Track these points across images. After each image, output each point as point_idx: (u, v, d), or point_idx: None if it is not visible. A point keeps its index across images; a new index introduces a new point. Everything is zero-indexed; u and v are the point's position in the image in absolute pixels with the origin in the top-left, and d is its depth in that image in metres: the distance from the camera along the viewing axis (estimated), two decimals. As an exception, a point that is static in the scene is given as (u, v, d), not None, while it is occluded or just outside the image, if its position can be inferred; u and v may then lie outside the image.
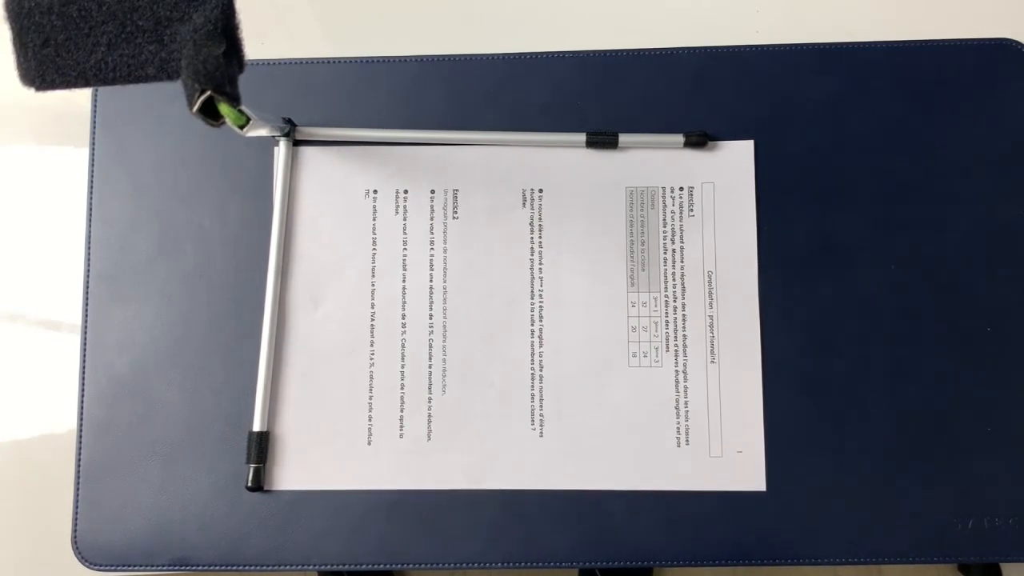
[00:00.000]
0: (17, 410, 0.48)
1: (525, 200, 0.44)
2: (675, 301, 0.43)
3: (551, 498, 0.42)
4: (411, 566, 0.42)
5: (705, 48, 0.45)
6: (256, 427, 0.42)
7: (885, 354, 0.42)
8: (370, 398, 0.43)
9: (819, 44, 0.44)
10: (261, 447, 0.42)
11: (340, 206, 0.44)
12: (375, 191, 0.44)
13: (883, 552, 0.41)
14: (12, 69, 0.32)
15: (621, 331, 0.43)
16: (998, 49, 0.44)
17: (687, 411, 0.42)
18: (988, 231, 0.43)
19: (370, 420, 0.43)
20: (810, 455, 0.41)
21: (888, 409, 0.42)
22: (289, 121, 0.44)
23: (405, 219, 0.44)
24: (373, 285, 0.44)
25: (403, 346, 0.43)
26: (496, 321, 0.43)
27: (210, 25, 0.30)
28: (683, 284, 0.43)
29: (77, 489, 0.43)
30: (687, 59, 0.45)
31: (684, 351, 0.42)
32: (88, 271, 0.44)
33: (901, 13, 0.49)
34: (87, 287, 0.44)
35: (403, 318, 0.43)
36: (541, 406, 0.42)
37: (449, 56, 0.45)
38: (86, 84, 0.32)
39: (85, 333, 0.44)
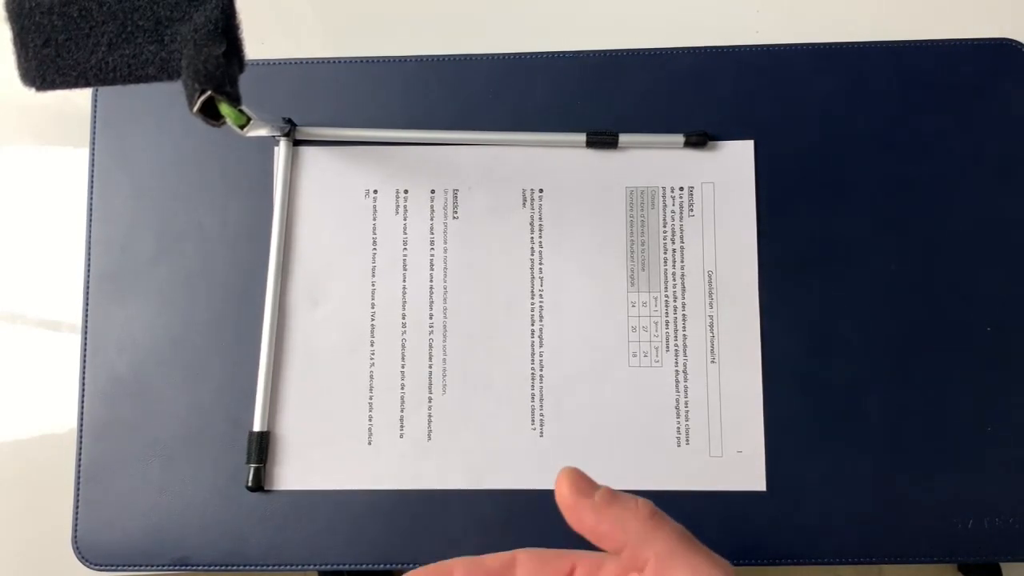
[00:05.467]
0: (17, 410, 0.48)
1: (525, 200, 0.44)
2: (675, 301, 0.43)
3: (551, 498, 0.41)
4: (411, 566, 0.42)
5: (705, 48, 0.45)
6: (256, 427, 0.42)
7: (885, 354, 0.42)
8: (370, 398, 0.43)
9: (819, 44, 0.44)
10: (261, 447, 0.42)
11: (340, 206, 0.44)
12: (375, 191, 0.44)
13: (883, 552, 0.41)
14: (12, 69, 0.32)
15: (621, 331, 0.43)
16: (998, 49, 0.44)
17: (687, 411, 0.42)
18: (988, 231, 0.43)
19: (370, 420, 0.43)
20: (810, 455, 0.41)
21: (888, 409, 0.42)
22: (289, 121, 0.44)
23: (405, 219, 0.44)
24: (373, 285, 0.44)
25: (403, 346, 0.43)
26: (496, 321, 0.43)
27: (211, 25, 0.30)
28: (683, 284, 0.43)
29: (77, 489, 0.43)
30: (687, 59, 0.45)
31: (684, 351, 0.42)
32: (88, 271, 0.44)
33: (901, 13, 0.49)
34: (87, 287, 0.44)
35: (403, 318, 0.43)
36: (541, 406, 0.42)
37: (449, 56, 0.45)
38: (87, 84, 0.32)
39: (85, 333, 0.44)
